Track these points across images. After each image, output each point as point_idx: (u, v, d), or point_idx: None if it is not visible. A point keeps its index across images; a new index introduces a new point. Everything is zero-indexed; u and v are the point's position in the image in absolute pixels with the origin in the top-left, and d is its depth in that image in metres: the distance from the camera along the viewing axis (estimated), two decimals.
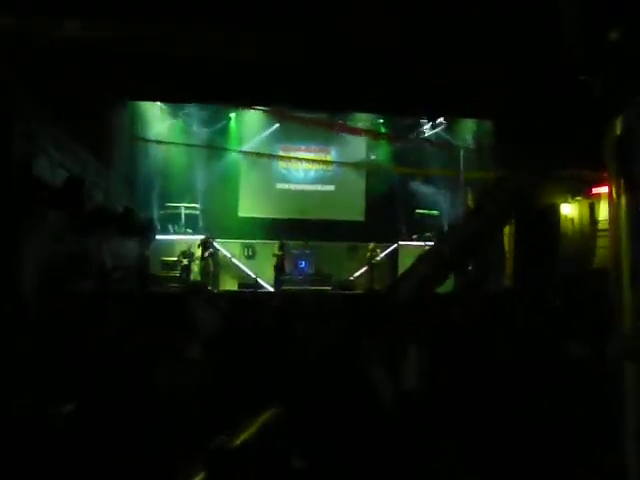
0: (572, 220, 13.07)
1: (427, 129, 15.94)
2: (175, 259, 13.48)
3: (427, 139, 15.82)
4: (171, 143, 14.18)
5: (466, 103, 11.20)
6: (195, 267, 13.53)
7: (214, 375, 2.17)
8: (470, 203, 15.00)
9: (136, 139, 13.39)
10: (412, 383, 2.11)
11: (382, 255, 14.69)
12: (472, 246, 1.13)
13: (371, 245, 14.46)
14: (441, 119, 15.33)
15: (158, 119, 14.70)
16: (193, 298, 4.39)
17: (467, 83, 9.86)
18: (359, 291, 12.30)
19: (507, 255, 12.70)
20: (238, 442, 1.03)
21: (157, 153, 13.86)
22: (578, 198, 12.78)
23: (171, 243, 13.76)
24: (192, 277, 13.28)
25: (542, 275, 10.94)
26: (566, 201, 12.93)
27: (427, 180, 15.13)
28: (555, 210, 12.88)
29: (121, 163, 11.71)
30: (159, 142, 13.62)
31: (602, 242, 11.67)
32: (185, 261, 13.25)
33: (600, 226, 11.99)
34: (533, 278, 10.86)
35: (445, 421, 2.02)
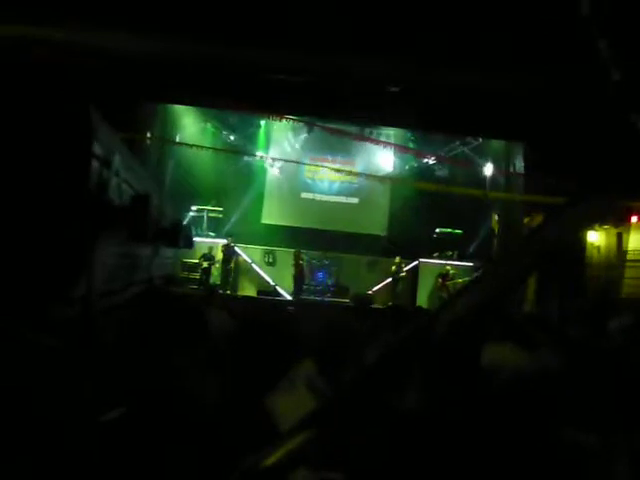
0: (598, 248, 12.86)
1: (455, 147, 15.88)
2: (196, 261, 13.55)
3: (454, 158, 15.75)
4: (198, 146, 14.33)
5: (499, 124, 11.13)
6: (215, 270, 13.58)
7: (234, 386, 2.15)
8: (494, 225, 14.88)
9: (165, 141, 13.55)
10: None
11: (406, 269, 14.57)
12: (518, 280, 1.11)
13: (397, 259, 14.25)
14: (470, 138, 15.27)
15: (187, 123, 14.89)
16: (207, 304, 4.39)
17: (501, 103, 9.81)
18: (381, 305, 12.19)
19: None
20: (270, 462, 1.01)
21: (185, 156, 13.99)
22: (606, 226, 12.58)
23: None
24: (211, 280, 13.32)
25: (564, 301, 10.75)
26: (593, 228, 12.74)
27: (451, 199, 15.03)
28: (581, 237, 12.70)
29: (155, 167, 11.90)
30: (188, 145, 13.77)
31: (631, 273, 11.44)
32: (205, 264, 13.30)
33: (630, 256, 11.77)
34: (555, 304, 10.68)
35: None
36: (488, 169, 15.00)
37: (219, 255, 13.59)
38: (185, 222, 13.33)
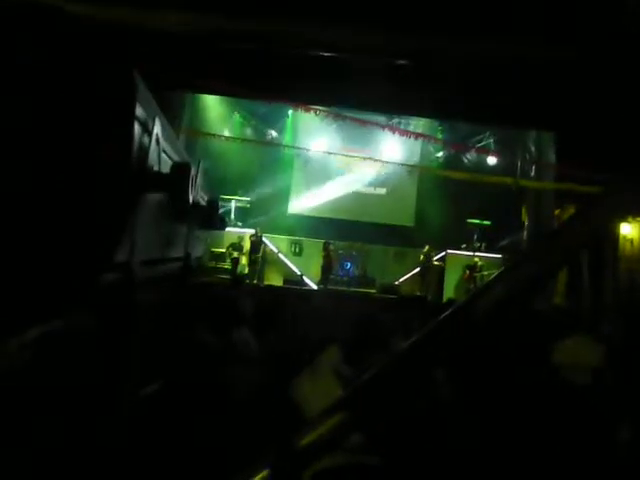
0: (631, 241, 12.55)
1: (485, 137, 15.66)
2: (224, 250, 13.68)
3: (484, 147, 15.54)
4: (226, 137, 14.41)
5: (530, 114, 10.93)
6: (243, 260, 13.70)
7: (268, 370, 2.20)
8: (524, 217, 14.64)
9: (195, 131, 13.66)
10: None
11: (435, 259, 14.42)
12: (551, 271, 1.10)
13: (426, 248, 13.99)
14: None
15: (216, 112, 14.99)
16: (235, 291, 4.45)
17: (532, 93, 9.63)
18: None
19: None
20: (304, 444, 1.04)
21: (212, 145, 14.09)
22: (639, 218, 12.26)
23: (220, 235, 13.95)
24: (239, 270, 13.44)
25: (596, 295, 10.57)
26: (626, 220, 12.42)
27: (481, 189, 14.83)
28: (613, 229, 12.39)
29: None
30: (215, 135, 13.87)
31: None
32: (235, 253, 13.41)
33: None
34: (586, 297, 10.50)
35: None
36: (518, 159, 14.75)
37: (247, 245, 13.70)
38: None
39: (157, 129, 1.38)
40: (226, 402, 1.62)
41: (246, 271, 13.51)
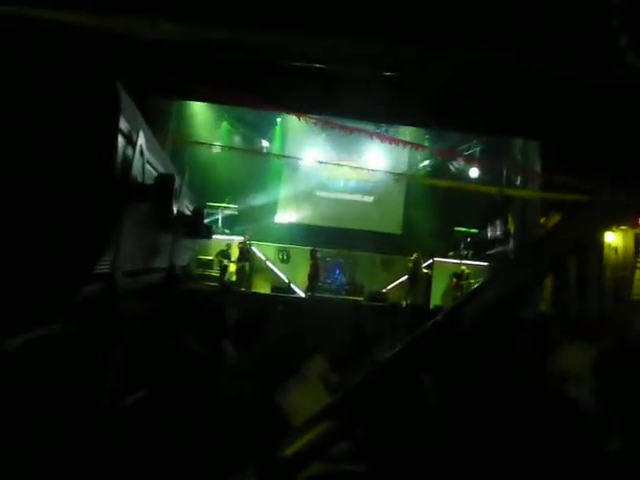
0: (615, 249, 12.70)
1: (472, 145, 15.79)
2: (211, 258, 13.63)
3: (470, 155, 15.67)
4: (213, 145, 14.40)
5: (516, 122, 11.04)
6: (231, 267, 13.66)
7: (254, 379, 2.18)
8: (510, 225, 14.76)
9: (181, 139, 13.62)
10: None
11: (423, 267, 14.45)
12: (540, 276, 1.10)
13: (415, 255, 14.02)
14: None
15: (202, 119, 14.97)
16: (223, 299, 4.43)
17: (517, 101, 9.72)
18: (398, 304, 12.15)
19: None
20: (290, 452, 1.02)
21: (199, 152, 14.05)
22: (623, 227, 12.41)
23: (208, 242, 13.88)
24: (227, 277, 13.40)
25: (582, 302, 10.67)
26: (610, 229, 12.57)
27: (467, 198, 14.94)
28: (599, 237, 12.53)
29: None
30: (202, 143, 13.87)
31: None
32: (224, 261, 13.36)
33: None
34: (572, 304, 10.59)
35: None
36: (504, 167, 14.89)
37: (235, 252, 13.66)
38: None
39: (141, 141, 1.38)
40: (211, 411, 1.60)
41: (234, 278, 13.46)
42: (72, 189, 1.11)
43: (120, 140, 1.19)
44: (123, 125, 1.20)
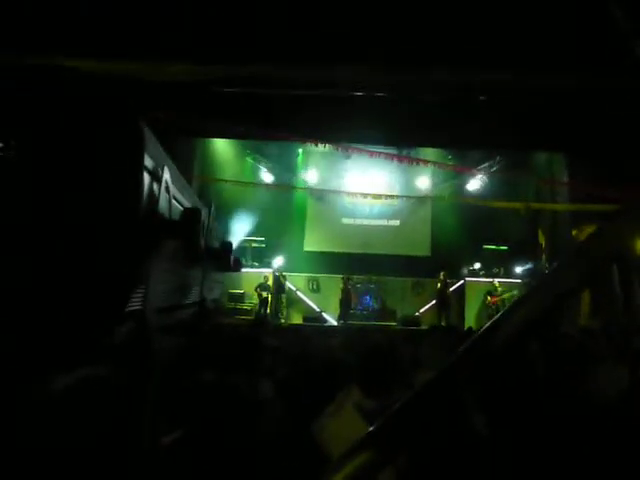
0: None
1: (495, 162, 15.67)
2: (242, 292, 13.70)
3: (494, 171, 15.54)
4: (237, 182, 14.64)
5: (538, 136, 10.95)
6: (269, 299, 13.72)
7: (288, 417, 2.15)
8: (541, 239, 14.50)
9: (205, 177, 13.87)
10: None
11: (452, 288, 14.27)
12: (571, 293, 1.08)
13: (441, 274, 13.77)
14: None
15: (226, 156, 15.26)
16: (259, 332, 4.43)
17: (541, 114, 9.67)
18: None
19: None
20: None
21: (224, 188, 14.28)
22: None
23: (237, 276, 13.96)
24: (261, 309, 13.41)
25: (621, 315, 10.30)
26: None
27: (496, 215, 14.78)
28: (636, 247, 12.16)
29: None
30: (226, 181, 14.14)
31: None
32: (265, 294, 13.39)
33: None
34: (612, 317, 10.25)
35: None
36: (531, 182, 14.70)
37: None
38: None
39: (166, 176, 1.39)
40: (249, 445, 1.58)
41: (268, 311, 13.50)
42: (99, 226, 1.13)
43: (146, 177, 1.21)
44: (148, 162, 1.22)
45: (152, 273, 1.31)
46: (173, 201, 1.50)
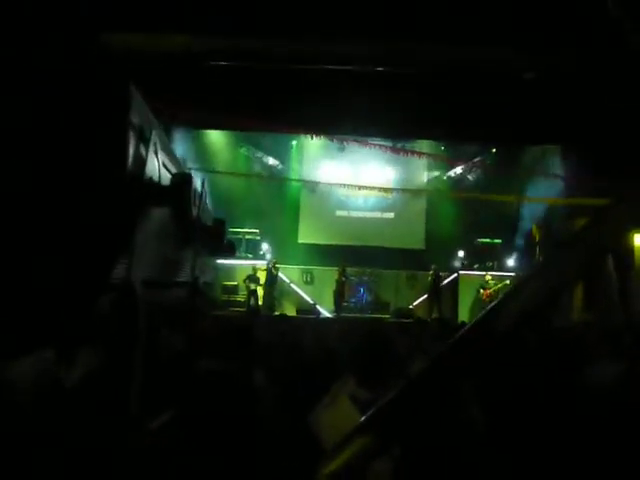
0: None
1: (487, 156, 15.67)
2: (236, 284, 13.67)
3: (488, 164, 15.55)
4: (232, 173, 14.58)
5: (534, 130, 10.96)
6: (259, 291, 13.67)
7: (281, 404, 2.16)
8: (535, 233, 14.54)
9: (200, 168, 13.78)
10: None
11: (445, 282, 14.30)
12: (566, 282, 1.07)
13: (433, 267, 13.82)
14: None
15: (220, 147, 15.18)
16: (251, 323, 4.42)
17: (538, 109, 9.67)
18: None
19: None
20: (327, 472, 1.00)
21: (218, 180, 14.20)
22: None
23: (231, 267, 13.89)
24: (252, 301, 13.38)
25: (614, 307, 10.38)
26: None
27: (489, 207, 14.80)
28: (627, 240, 12.25)
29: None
30: (220, 172, 14.06)
31: None
32: (253, 285, 13.34)
33: None
34: (605, 311, 10.31)
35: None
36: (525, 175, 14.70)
37: (263, 276, 13.67)
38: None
39: (155, 140, 1.36)
40: (243, 433, 1.58)
41: (260, 302, 13.46)
42: (84, 188, 1.09)
43: (132, 136, 1.18)
44: (135, 120, 1.18)
45: (138, 242, 1.28)
46: (162, 168, 1.47)
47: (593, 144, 10.12)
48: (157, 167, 1.41)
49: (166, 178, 1.45)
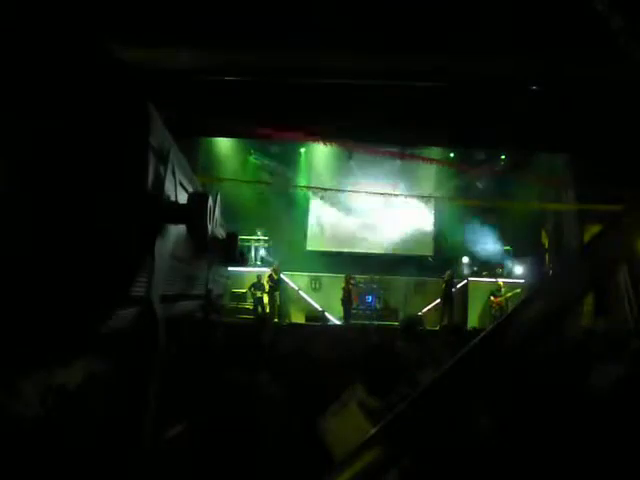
0: None
1: (498, 162, 15.61)
2: (244, 291, 13.67)
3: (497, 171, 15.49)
4: (241, 181, 14.62)
5: (544, 137, 10.91)
6: (265, 299, 13.66)
7: (293, 408, 2.15)
8: (544, 240, 14.46)
9: (208, 176, 13.83)
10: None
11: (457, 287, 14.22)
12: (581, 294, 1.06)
13: (447, 273, 13.76)
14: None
15: (229, 155, 15.23)
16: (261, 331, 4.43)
17: (546, 116, 9.63)
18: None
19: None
20: None
21: (228, 188, 14.24)
22: None
23: (240, 275, 13.88)
24: (259, 309, 13.38)
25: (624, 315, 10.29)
26: None
27: (499, 214, 14.73)
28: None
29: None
30: (229, 180, 14.11)
31: None
32: (259, 293, 13.35)
33: None
34: (616, 318, 10.22)
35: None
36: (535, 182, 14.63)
37: (267, 284, 13.67)
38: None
39: (173, 160, 1.37)
40: (253, 441, 1.58)
41: (267, 310, 13.45)
42: (101, 204, 1.10)
43: (151, 157, 1.19)
44: (154, 142, 1.20)
45: (157, 258, 1.29)
46: (179, 188, 1.49)
47: (604, 151, 10.06)
48: (174, 186, 1.43)
49: (183, 197, 1.46)
